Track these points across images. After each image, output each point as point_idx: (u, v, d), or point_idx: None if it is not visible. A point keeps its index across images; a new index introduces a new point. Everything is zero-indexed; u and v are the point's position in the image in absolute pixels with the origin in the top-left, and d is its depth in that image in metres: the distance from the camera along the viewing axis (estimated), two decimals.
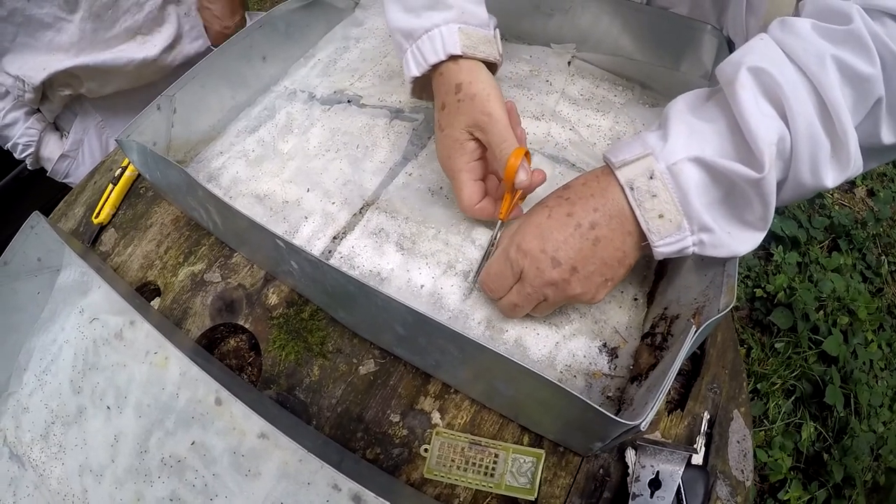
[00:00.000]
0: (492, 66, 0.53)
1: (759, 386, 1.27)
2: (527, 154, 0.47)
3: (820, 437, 1.22)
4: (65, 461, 0.46)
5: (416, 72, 0.52)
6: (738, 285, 1.43)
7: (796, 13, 0.42)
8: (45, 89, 0.80)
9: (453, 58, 0.50)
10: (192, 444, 0.43)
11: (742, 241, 0.41)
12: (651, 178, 0.40)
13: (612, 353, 0.48)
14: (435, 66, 0.51)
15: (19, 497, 0.46)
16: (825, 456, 1.18)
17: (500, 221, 0.50)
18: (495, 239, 0.50)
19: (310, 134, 0.67)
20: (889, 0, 0.36)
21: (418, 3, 0.51)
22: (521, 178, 0.46)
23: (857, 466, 1.14)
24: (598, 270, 0.43)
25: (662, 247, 0.41)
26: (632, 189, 0.40)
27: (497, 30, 0.54)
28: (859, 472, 1.14)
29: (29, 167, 0.91)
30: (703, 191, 0.39)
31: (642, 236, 0.42)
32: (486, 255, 0.50)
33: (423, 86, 0.56)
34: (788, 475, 1.15)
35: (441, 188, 0.59)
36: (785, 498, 1.13)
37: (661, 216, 0.40)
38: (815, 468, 1.18)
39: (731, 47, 0.60)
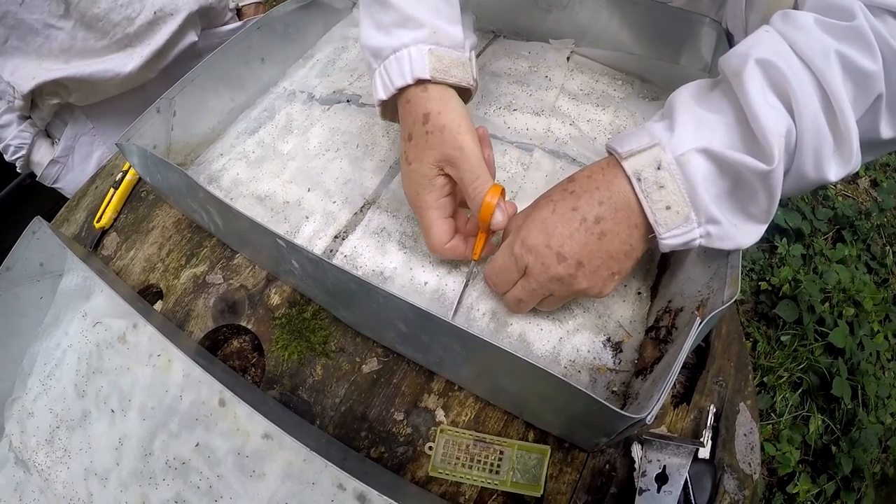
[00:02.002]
0: (466, 92, 0.50)
1: (765, 379, 1.26)
2: (502, 192, 0.45)
3: (828, 429, 1.21)
4: (70, 465, 0.46)
5: (382, 95, 0.49)
6: (743, 278, 1.42)
7: (795, 7, 0.42)
8: (34, 97, 0.81)
9: (422, 83, 0.47)
10: (197, 445, 0.43)
11: (746, 233, 0.40)
12: (658, 168, 0.39)
13: (617, 348, 0.47)
14: (402, 91, 0.48)
15: (25, 502, 0.46)
16: (833, 448, 1.17)
17: (473, 262, 0.50)
18: (469, 279, 0.50)
19: (309, 134, 0.67)
20: None
21: (389, 19, 0.48)
22: (498, 219, 0.45)
23: (865, 458, 1.14)
24: (604, 264, 0.43)
25: (669, 239, 0.40)
26: (639, 180, 0.40)
27: (473, 52, 0.51)
28: (868, 464, 1.13)
29: (19, 170, 0.91)
30: (710, 182, 0.39)
31: (649, 228, 0.41)
32: (462, 295, 0.50)
33: (394, 108, 0.52)
34: (797, 468, 1.15)
35: None
36: (794, 491, 1.13)
37: (668, 207, 0.39)
38: (823, 461, 1.18)
39: (730, 40, 0.59)
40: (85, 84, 0.81)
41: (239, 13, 1.03)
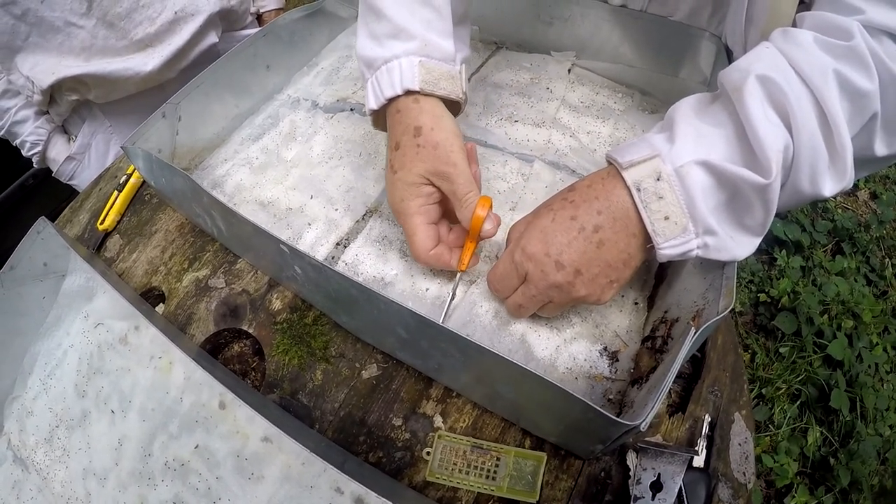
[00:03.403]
0: (455, 105, 0.51)
1: (764, 391, 1.26)
2: (489, 204, 0.47)
3: (826, 441, 1.21)
4: (68, 464, 0.47)
5: (373, 104, 0.50)
6: (742, 290, 1.42)
7: (794, 25, 0.43)
8: (53, 93, 0.82)
9: (413, 94, 0.48)
10: (196, 447, 0.43)
11: (742, 245, 0.41)
12: (658, 179, 0.40)
13: (613, 357, 0.48)
14: (391, 101, 0.49)
15: (23, 500, 0.47)
16: (832, 460, 1.17)
17: (459, 273, 0.50)
18: (455, 291, 0.51)
19: (313, 142, 0.68)
20: (888, 19, 0.37)
21: (382, 30, 0.49)
22: (488, 228, 0.47)
23: (863, 470, 1.14)
24: (602, 272, 0.43)
25: (667, 249, 0.41)
26: (639, 190, 0.40)
27: (464, 65, 0.52)
28: (866, 477, 1.13)
29: (35, 165, 0.92)
30: (708, 194, 0.39)
31: (647, 238, 0.42)
32: (451, 302, 0.50)
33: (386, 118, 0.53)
34: (795, 480, 1.15)
35: None
36: (791, 503, 1.12)
37: (666, 218, 0.40)
38: (821, 473, 1.17)
39: (729, 54, 0.60)
40: (104, 81, 0.82)
41: (259, 19, 1.04)
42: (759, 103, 0.37)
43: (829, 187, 0.39)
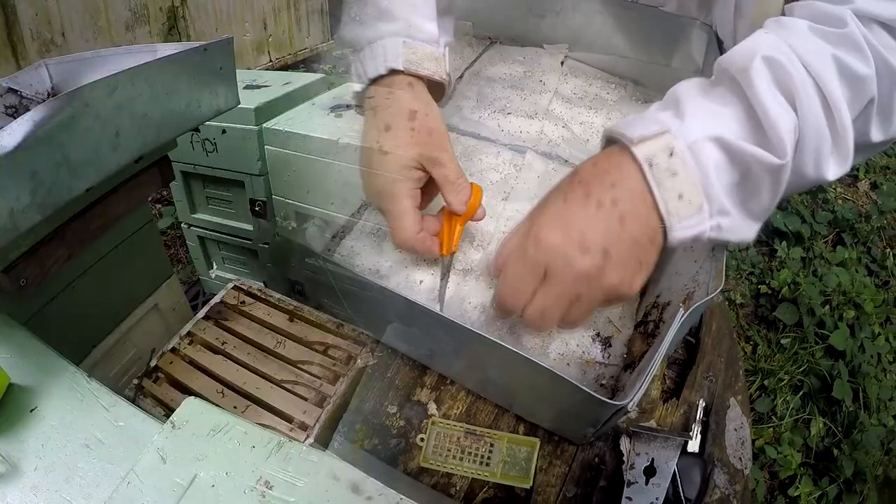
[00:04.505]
0: (439, 87, 0.52)
1: (766, 382, 1.26)
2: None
3: (829, 432, 1.21)
4: None
5: (357, 85, 0.50)
6: (743, 282, 1.41)
7: (783, 15, 0.43)
8: None
9: (405, 78, 0.48)
10: None
11: (750, 228, 0.40)
12: (671, 155, 0.37)
13: (606, 343, 0.48)
14: (380, 81, 0.48)
15: None
16: (835, 451, 1.17)
17: (444, 258, 0.50)
18: (448, 272, 0.50)
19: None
20: (878, 8, 0.37)
21: (366, 13, 0.49)
22: (479, 214, 0.49)
23: (867, 461, 1.13)
24: (630, 252, 0.39)
25: (679, 231, 0.38)
26: (651, 166, 0.37)
27: (447, 48, 0.52)
28: (870, 467, 1.13)
29: None
30: (722, 172, 0.38)
31: (660, 219, 0.38)
32: (445, 282, 0.50)
33: None
34: (798, 471, 1.14)
35: None
36: (795, 494, 1.12)
37: (680, 196, 0.37)
38: (825, 463, 1.17)
39: (720, 43, 0.61)
40: None
41: None
42: (766, 84, 0.37)
43: (832, 171, 0.38)
